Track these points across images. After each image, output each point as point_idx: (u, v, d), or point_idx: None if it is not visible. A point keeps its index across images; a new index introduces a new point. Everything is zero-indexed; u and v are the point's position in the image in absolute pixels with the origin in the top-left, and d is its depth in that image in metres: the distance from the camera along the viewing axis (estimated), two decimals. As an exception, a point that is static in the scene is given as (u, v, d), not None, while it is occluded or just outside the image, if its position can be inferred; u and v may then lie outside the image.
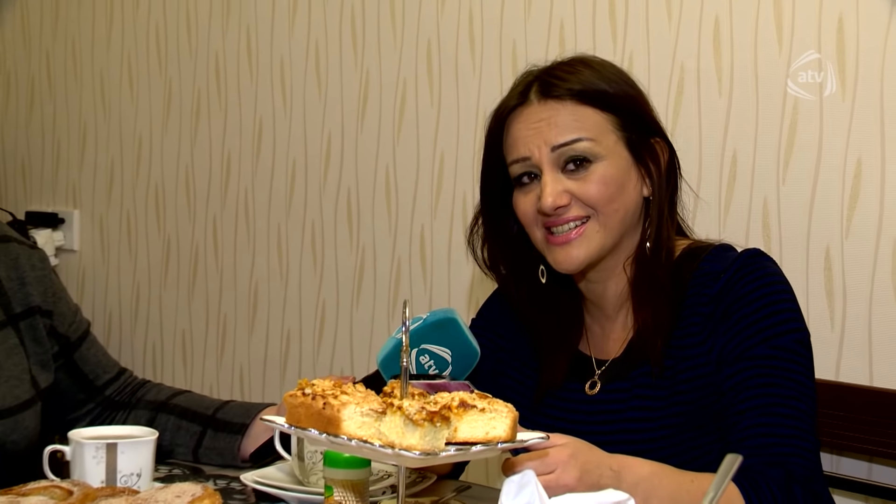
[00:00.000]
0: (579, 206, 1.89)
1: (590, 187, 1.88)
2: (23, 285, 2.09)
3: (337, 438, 1.37)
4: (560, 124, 1.89)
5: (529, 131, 1.91)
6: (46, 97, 4.00)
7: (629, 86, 1.98)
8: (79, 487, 1.57)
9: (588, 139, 1.88)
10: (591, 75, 1.93)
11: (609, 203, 1.89)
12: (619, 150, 1.92)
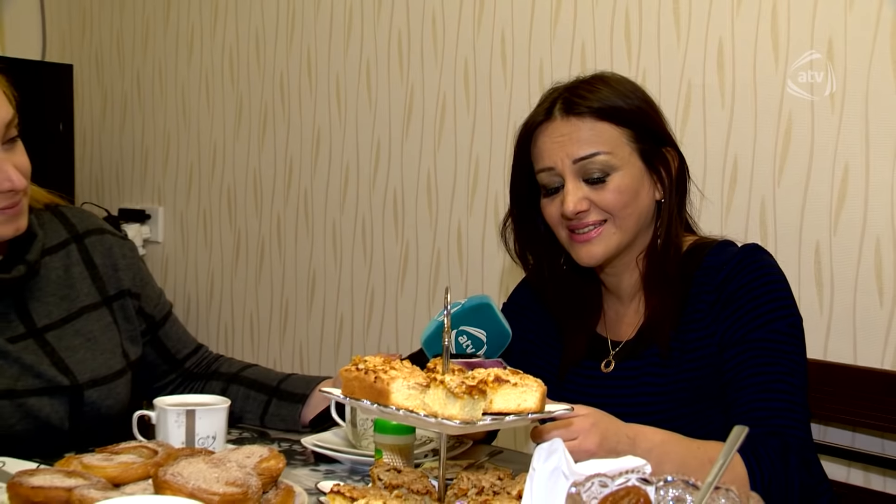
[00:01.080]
0: (597, 212, 1.88)
1: (607, 196, 1.87)
2: (115, 271, 2.08)
3: (387, 408, 1.38)
4: (581, 139, 1.87)
5: (554, 144, 1.89)
6: (136, 110, 4.00)
7: (643, 101, 1.94)
8: (163, 448, 1.56)
9: (605, 153, 1.86)
10: (609, 93, 1.90)
11: (624, 209, 1.88)
12: (633, 160, 1.89)
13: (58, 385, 1.88)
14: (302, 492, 1.51)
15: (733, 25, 2.49)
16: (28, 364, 1.87)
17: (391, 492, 1.48)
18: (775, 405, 1.77)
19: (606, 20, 2.71)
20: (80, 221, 2.10)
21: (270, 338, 3.60)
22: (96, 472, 1.44)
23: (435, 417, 1.35)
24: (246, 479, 1.37)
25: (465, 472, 1.56)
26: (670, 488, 1.09)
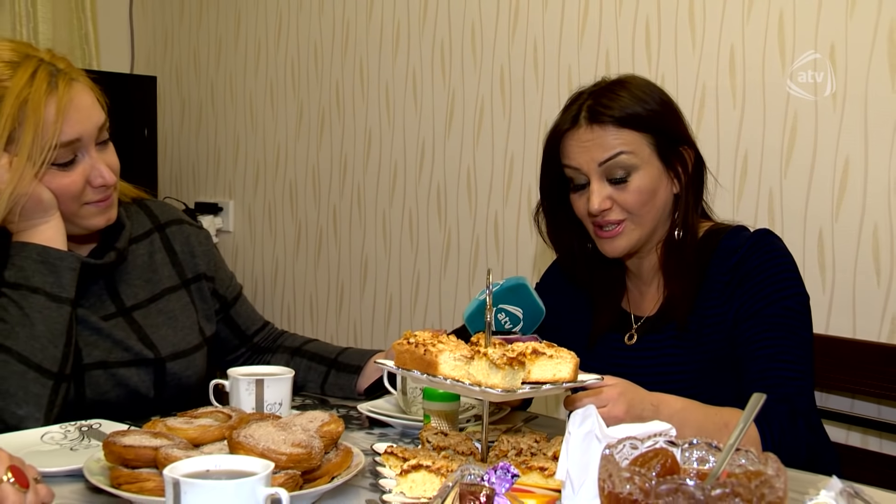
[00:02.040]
0: (619, 210, 1.86)
1: (628, 196, 1.85)
2: (192, 257, 2.08)
3: (435, 378, 1.38)
4: (604, 145, 1.84)
5: (580, 149, 1.86)
6: (210, 116, 4.01)
7: (661, 103, 1.90)
8: (235, 413, 1.56)
9: (627, 153, 1.84)
10: (630, 100, 1.86)
11: (643, 207, 1.86)
12: (652, 160, 1.86)
13: (144, 358, 1.89)
14: (359, 452, 1.50)
15: (743, 33, 2.48)
16: (118, 339, 1.87)
17: (439, 453, 1.47)
18: (784, 374, 1.76)
19: (628, 29, 2.69)
20: (162, 213, 2.11)
21: (328, 316, 3.60)
22: (178, 433, 1.45)
23: (479, 386, 1.34)
24: (310, 441, 1.36)
25: (505, 436, 1.55)
26: (694, 450, 1.07)
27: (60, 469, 1.46)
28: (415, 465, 1.35)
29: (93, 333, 1.85)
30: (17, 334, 1.69)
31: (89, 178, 1.80)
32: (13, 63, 1.74)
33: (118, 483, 1.35)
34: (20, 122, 1.72)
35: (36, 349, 1.69)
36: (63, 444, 1.62)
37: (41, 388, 1.69)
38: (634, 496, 0.93)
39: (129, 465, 1.36)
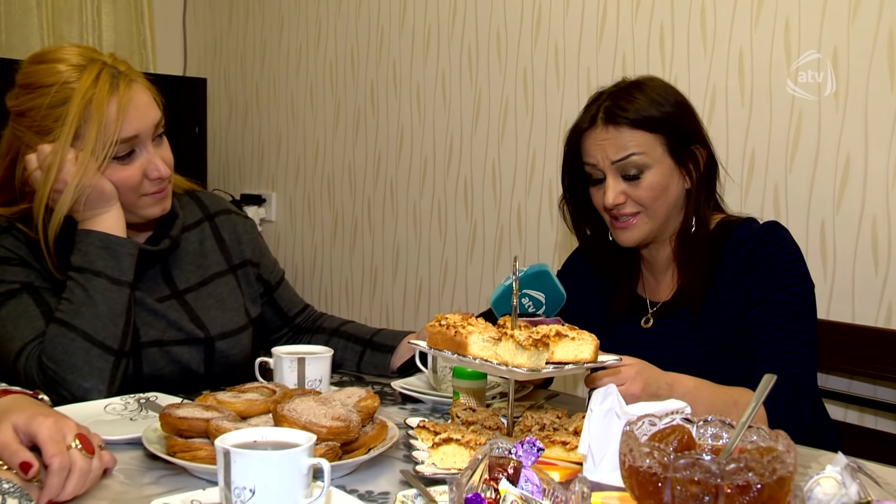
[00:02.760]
0: (632, 205, 1.85)
1: (641, 192, 1.84)
2: (239, 244, 2.08)
3: (465, 357, 1.37)
4: (618, 144, 1.83)
5: (597, 147, 1.86)
6: (254, 114, 4.02)
7: (675, 105, 1.88)
8: (279, 388, 1.57)
9: (639, 153, 1.83)
10: (645, 102, 1.84)
11: (655, 202, 1.85)
12: (664, 159, 1.85)
13: (195, 337, 1.90)
14: (393, 426, 1.50)
15: (751, 38, 2.46)
16: (172, 320, 1.88)
17: (468, 427, 1.47)
18: (789, 356, 1.76)
19: (644, 34, 2.67)
20: (212, 203, 2.11)
21: (362, 300, 3.60)
22: (227, 406, 1.46)
23: (506, 365, 1.33)
24: (348, 415, 1.36)
25: (529, 412, 1.54)
26: (709, 427, 1.06)
27: (121, 437, 1.47)
28: (445, 438, 1.34)
29: (149, 314, 1.86)
30: (83, 314, 1.70)
31: (146, 172, 1.81)
32: (80, 66, 1.76)
33: (173, 451, 1.36)
34: (85, 120, 1.73)
35: (99, 328, 1.70)
36: (123, 415, 1.63)
37: (104, 364, 1.70)
38: (654, 470, 0.92)
39: (183, 434, 1.37)
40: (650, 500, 0.94)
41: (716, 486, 0.90)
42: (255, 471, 1.09)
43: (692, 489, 0.91)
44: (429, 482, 1.28)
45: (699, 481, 0.90)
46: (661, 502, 0.93)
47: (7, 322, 1.72)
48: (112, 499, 1.27)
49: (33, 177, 1.76)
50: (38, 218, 1.76)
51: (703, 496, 0.91)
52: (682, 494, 0.91)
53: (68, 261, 1.76)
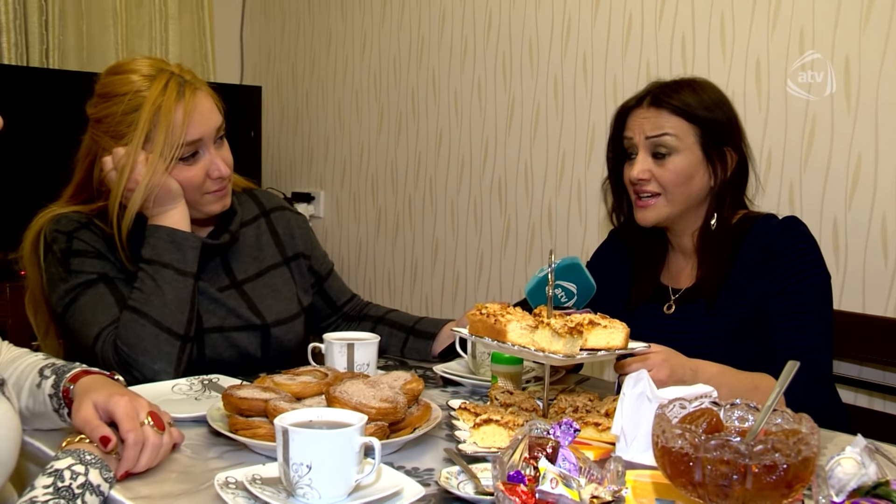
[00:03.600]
0: (655, 184, 1.84)
1: (665, 172, 1.83)
2: (292, 238, 2.08)
3: (504, 344, 1.37)
4: (656, 123, 1.83)
5: (636, 122, 1.86)
6: (305, 119, 4.03)
7: (718, 106, 1.86)
8: (331, 372, 1.57)
9: (672, 135, 1.82)
10: (690, 95, 1.84)
11: (676, 187, 1.83)
12: (694, 149, 1.83)
13: (252, 324, 1.90)
14: (437, 407, 1.49)
15: (768, 46, 2.42)
16: (232, 308, 1.89)
17: (506, 409, 1.46)
18: (806, 344, 1.73)
19: (666, 42, 2.64)
20: (267, 200, 2.11)
21: (403, 290, 3.60)
22: (283, 388, 1.46)
23: (543, 352, 1.32)
24: (395, 397, 1.36)
25: (563, 395, 1.53)
26: (736, 410, 1.04)
27: (188, 415, 1.48)
28: (486, 419, 1.34)
29: (211, 302, 1.87)
30: (152, 302, 1.71)
31: (209, 171, 1.82)
32: (150, 76, 1.77)
33: (235, 429, 1.36)
34: (155, 125, 1.74)
35: (166, 315, 1.71)
36: (189, 395, 1.64)
37: (171, 348, 1.71)
38: (685, 450, 0.91)
39: (243, 413, 1.38)
40: (682, 478, 0.92)
41: (744, 466, 0.89)
42: (311, 448, 1.09)
43: (722, 468, 0.89)
44: (471, 460, 1.28)
45: (728, 461, 0.89)
46: (692, 481, 0.91)
47: (86, 309, 1.74)
48: (180, 471, 1.28)
49: (109, 177, 1.78)
50: (112, 214, 1.77)
51: (732, 475, 0.89)
52: (712, 473, 0.90)
53: (139, 253, 1.78)
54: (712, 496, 0.92)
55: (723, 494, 0.91)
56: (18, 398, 1.37)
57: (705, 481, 0.90)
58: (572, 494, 0.91)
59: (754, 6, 2.44)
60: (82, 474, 1.14)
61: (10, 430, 1.12)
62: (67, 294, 1.75)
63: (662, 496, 1.09)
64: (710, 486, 0.91)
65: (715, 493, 0.91)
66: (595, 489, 0.93)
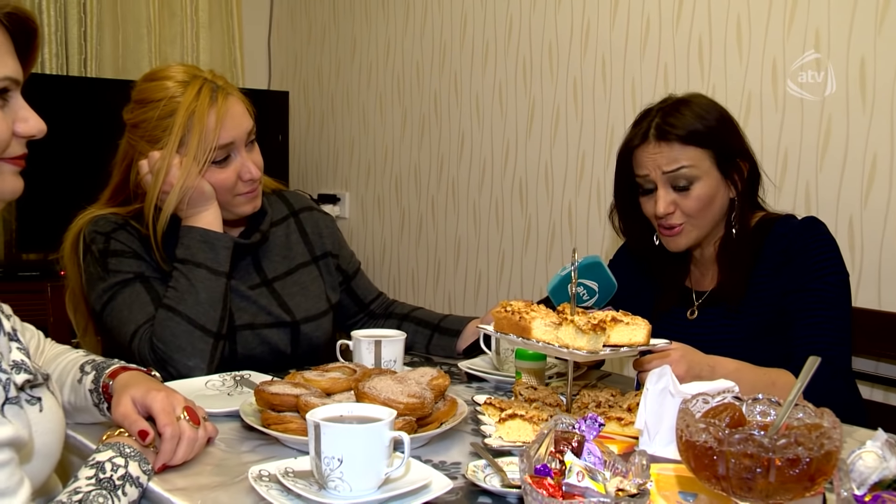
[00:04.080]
0: (680, 215, 1.81)
1: (689, 203, 1.80)
2: (320, 238, 2.08)
3: (528, 341, 1.36)
4: (670, 157, 1.79)
5: (648, 159, 1.81)
6: (330, 122, 4.04)
7: (720, 120, 1.83)
8: (359, 368, 1.56)
9: (688, 166, 1.78)
10: (693, 119, 1.79)
11: (701, 212, 1.81)
12: (711, 171, 1.80)
13: (282, 321, 1.90)
14: (463, 403, 1.49)
15: (784, 48, 2.40)
16: (262, 305, 1.89)
17: (530, 404, 1.46)
18: (825, 340, 1.71)
19: (684, 45, 2.63)
20: (296, 201, 2.12)
21: (426, 288, 3.60)
22: (313, 384, 1.46)
23: (567, 348, 1.31)
24: (422, 392, 1.36)
25: (585, 390, 1.53)
26: (758, 405, 1.03)
27: (221, 410, 1.49)
28: (511, 414, 1.33)
29: (242, 300, 1.88)
30: (186, 300, 1.72)
31: (240, 174, 1.83)
32: (184, 82, 1.78)
33: (267, 423, 1.36)
34: (188, 129, 1.75)
35: (200, 313, 1.72)
36: (221, 390, 1.65)
37: (205, 345, 1.71)
38: (709, 444, 0.90)
39: (275, 408, 1.38)
40: (706, 471, 0.92)
41: (768, 460, 0.88)
42: (342, 442, 1.09)
43: (745, 462, 0.88)
44: (496, 454, 1.28)
45: (752, 455, 0.88)
46: (716, 474, 0.90)
47: (123, 307, 1.75)
48: (215, 464, 1.28)
49: (145, 180, 1.79)
50: (148, 216, 1.78)
51: (756, 468, 0.88)
52: (735, 467, 0.89)
53: (174, 253, 1.78)
54: (736, 489, 0.91)
55: (746, 487, 0.90)
56: (61, 393, 1.38)
57: (729, 475, 0.90)
58: (598, 487, 0.91)
59: (770, 9, 2.42)
60: (122, 466, 1.15)
61: (55, 423, 1.13)
62: (105, 293, 1.77)
63: (686, 489, 1.08)
64: (734, 480, 0.90)
65: (739, 486, 0.90)
66: (620, 482, 0.93)
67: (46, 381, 1.15)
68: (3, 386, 1.01)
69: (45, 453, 1.10)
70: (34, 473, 1.07)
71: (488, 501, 1.15)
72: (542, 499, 0.87)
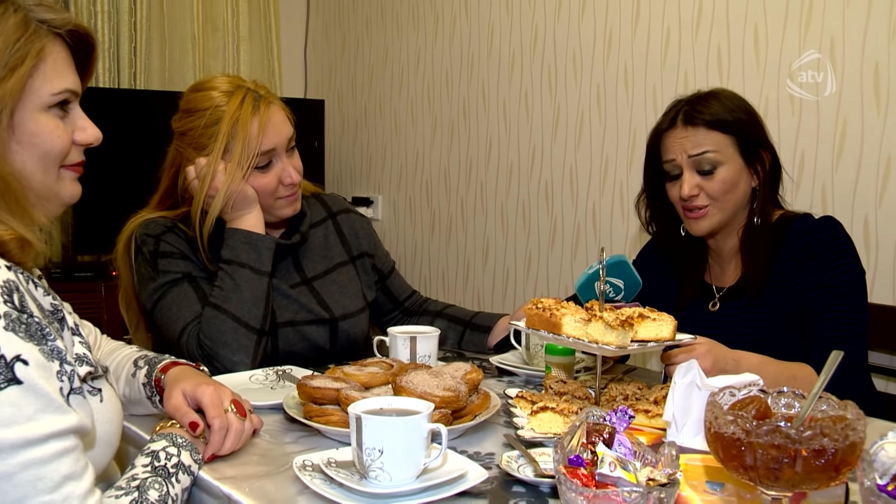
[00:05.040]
0: (705, 197, 1.81)
1: (713, 185, 1.80)
2: (357, 238, 2.08)
3: (559, 336, 1.35)
4: (695, 142, 1.80)
5: (675, 144, 1.82)
6: (363, 129, 4.04)
7: (745, 112, 1.84)
8: (395, 363, 1.57)
9: (713, 151, 1.79)
10: (719, 108, 1.81)
11: (725, 195, 1.81)
12: (735, 158, 1.80)
13: (322, 318, 1.90)
14: (495, 396, 1.48)
15: (800, 54, 2.37)
16: (303, 303, 1.89)
17: (561, 397, 1.45)
18: (843, 334, 1.70)
19: (703, 52, 2.60)
20: (334, 204, 2.12)
21: (456, 287, 3.59)
22: (353, 378, 1.46)
23: (596, 343, 1.30)
24: (457, 386, 1.35)
25: (613, 384, 1.51)
26: (782, 397, 1.01)
27: (266, 403, 1.49)
28: (542, 406, 1.33)
29: (283, 298, 1.88)
30: (231, 299, 1.73)
31: (281, 178, 1.83)
32: (229, 92, 1.79)
33: (309, 416, 1.37)
34: (233, 137, 1.76)
35: (244, 311, 1.73)
36: (265, 384, 1.65)
37: (249, 341, 1.72)
38: (737, 435, 0.89)
39: (317, 402, 1.38)
40: (734, 462, 0.90)
41: (794, 451, 0.87)
42: (383, 434, 1.09)
43: (772, 453, 0.87)
44: (528, 445, 1.27)
45: (779, 446, 0.87)
46: (744, 464, 0.89)
47: (171, 306, 1.76)
48: (260, 454, 1.29)
49: (192, 185, 1.80)
50: (195, 219, 1.80)
51: (783, 459, 0.87)
52: (763, 457, 0.88)
53: (219, 254, 1.79)
54: (763, 479, 0.90)
55: (773, 477, 0.89)
56: (116, 385, 1.39)
57: (756, 465, 0.88)
58: (630, 477, 0.90)
59: (786, 17, 2.39)
60: (175, 455, 1.16)
61: (115, 413, 1.14)
62: (155, 292, 1.78)
63: (713, 479, 1.07)
64: (762, 469, 0.89)
65: (766, 475, 0.89)
66: (650, 472, 0.92)
67: (106, 373, 1.16)
68: (68, 377, 1.03)
69: (105, 441, 1.12)
70: (96, 460, 1.08)
71: (522, 490, 1.14)
72: (577, 488, 0.87)
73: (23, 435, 0.92)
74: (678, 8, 2.66)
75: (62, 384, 1.01)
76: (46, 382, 0.96)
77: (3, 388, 0.92)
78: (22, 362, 0.94)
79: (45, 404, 0.95)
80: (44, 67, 1.08)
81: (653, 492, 0.86)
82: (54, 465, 0.94)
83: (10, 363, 0.93)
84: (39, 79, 1.08)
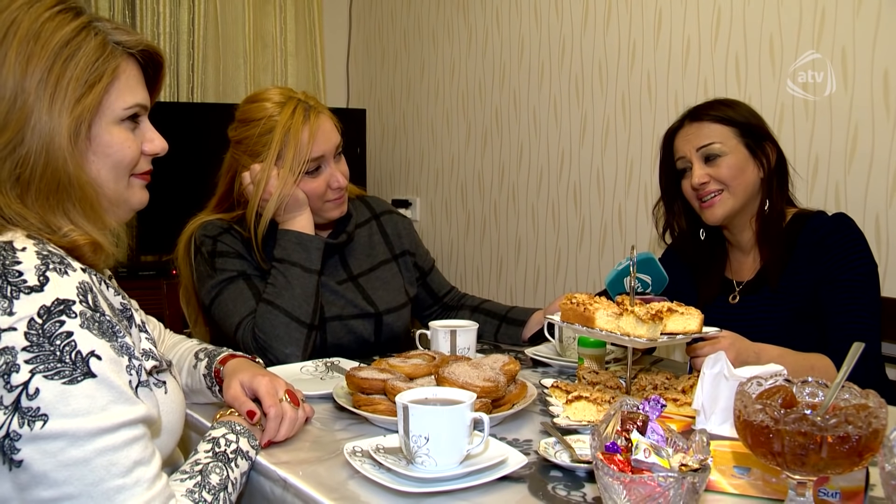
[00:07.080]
0: (715, 183, 1.79)
1: (721, 171, 1.78)
2: (399, 238, 2.08)
3: (592, 329, 1.33)
4: (701, 134, 1.80)
5: (684, 140, 1.83)
6: (402, 136, 4.04)
7: (750, 115, 1.83)
8: (437, 355, 1.55)
9: (718, 142, 1.79)
10: (726, 110, 1.80)
11: (734, 179, 1.78)
12: (739, 148, 1.79)
13: (367, 312, 1.90)
14: (531, 386, 1.47)
15: (814, 63, 2.32)
16: (349, 298, 1.90)
17: (593, 387, 1.43)
18: (857, 326, 1.67)
19: (721, 61, 2.56)
20: (377, 205, 2.12)
21: (490, 284, 3.58)
22: (397, 369, 1.45)
23: (628, 336, 1.29)
24: (496, 376, 1.34)
25: (642, 374, 1.49)
26: (806, 387, 0.99)
27: (316, 393, 1.49)
28: (576, 395, 1.31)
29: (331, 294, 1.89)
30: (283, 295, 1.74)
31: (329, 183, 1.84)
32: (281, 103, 1.80)
33: (358, 405, 1.37)
34: (285, 145, 1.76)
35: (295, 306, 1.73)
36: (315, 375, 1.65)
37: (300, 335, 1.73)
38: (765, 423, 0.87)
39: (364, 391, 1.38)
40: (762, 448, 0.89)
41: (820, 437, 0.85)
42: (429, 422, 1.08)
43: (799, 440, 0.85)
44: (564, 432, 1.26)
45: (805, 433, 0.85)
46: (772, 450, 0.88)
47: (228, 302, 1.77)
48: (312, 441, 1.29)
49: (247, 190, 1.81)
50: (250, 221, 1.81)
51: (809, 445, 0.85)
52: (790, 444, 0.86)
53: (272, 254, 1.80)
54: (790, 464, 0.88)
55: (800, 462, 0.87)
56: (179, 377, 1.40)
57: (784, 451, 0.87)
58: (663, 463, 0.88)
59: (800, 28, 2.35)
60: (234, 442, 1.16)
61: (178, 403, 1.15)
62: (213, 289, 1.79)
63: (740, 464, 1.05)
64: (789, 455, 0.87)
65: (793, 461, 0.87)
66: (682, 458, 0.90)
67: (169, 366, 1.17)
68: (136, 371, 1.04)
69: (170, 430, 1.12)
70: (162, 447, 1.09)
71: (559, 475, 1.13)
72: (614, 473, 0.85)
73: (98, 424, 0.93)
74: (697, 20, 2.63)
75: (131, 378, 1.02)
76: (117, 376, 0.97)
77: (80, 381, 0.93)
78: (96, 357, 0.95)
79: (116, 396, 0.96)
80: (118, 84, 1.09)
81: (686, 476, 0.85)
82: (125, 452, 0.95)
83: (85, 358, 0.94)
84: (114, 94, 1.09)
